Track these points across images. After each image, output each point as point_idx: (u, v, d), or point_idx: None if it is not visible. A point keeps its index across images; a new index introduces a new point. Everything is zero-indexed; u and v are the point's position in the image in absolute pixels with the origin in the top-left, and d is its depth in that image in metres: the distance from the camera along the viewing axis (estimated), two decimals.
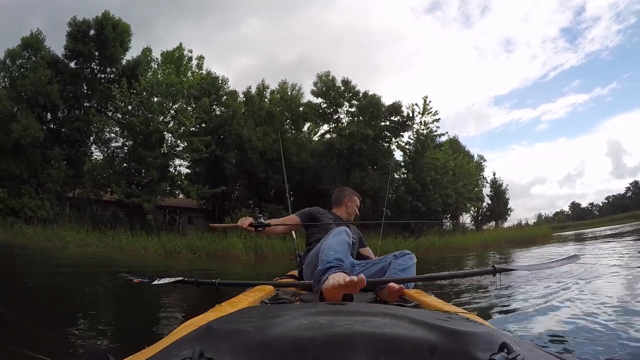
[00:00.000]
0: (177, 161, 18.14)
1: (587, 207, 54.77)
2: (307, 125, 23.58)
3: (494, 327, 0.73)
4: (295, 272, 2.39)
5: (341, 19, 67.25)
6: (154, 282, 1.74)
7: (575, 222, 42.30)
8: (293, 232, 4.02)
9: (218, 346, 0.54)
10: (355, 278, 1.22)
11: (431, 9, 79.94)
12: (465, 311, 1.05)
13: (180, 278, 1.72)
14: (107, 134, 19.26)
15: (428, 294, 1.61)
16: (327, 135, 22.78)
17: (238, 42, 57.54)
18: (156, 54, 20.66)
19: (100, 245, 13.88)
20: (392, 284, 1.48)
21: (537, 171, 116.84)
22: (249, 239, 13.46)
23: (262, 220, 2.07)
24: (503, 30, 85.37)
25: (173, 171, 17.78)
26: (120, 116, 19.11)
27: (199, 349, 0.50)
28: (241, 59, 54.82)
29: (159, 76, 18.73)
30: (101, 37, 20.10)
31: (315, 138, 23.83)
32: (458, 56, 75.79)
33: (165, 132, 17.48)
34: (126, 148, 18.33)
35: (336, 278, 1.25)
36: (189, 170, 19.42)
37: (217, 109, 19.72)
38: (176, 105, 18.28)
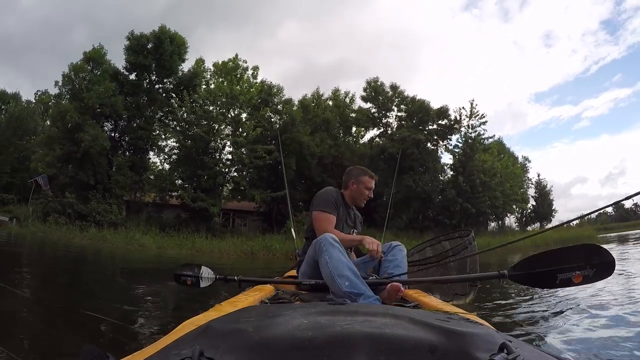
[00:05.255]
0: (239, 166, 18.95)
1: (631, 207, 52.50)
2: (354, 129, 24.18)
3: (494, 328, 0.75)
4: (294, 272, 2.29)
5: (377, 21, 67.60)
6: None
7: (619, 223, 40.87)
8: (292, 230, 4.11)
9: (218, 346, 0.55)
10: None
11: (468, 5, 79.16)
12: (465, 312, 1.08)
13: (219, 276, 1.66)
14: (168, 142, 20.31)
15: (428, 294, 1.66)
16: (377, 140, 23.30)
17: (276, 46, 58.85)
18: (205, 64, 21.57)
19: (175, 247, 14.71)
20: (394, 284, 1.44)
21: (578, 170, 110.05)
22: None
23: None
24: (543, 24, 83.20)
25: (237, 175, 18.60)
26: (175, 124, 20.12)
27: (199, 349, 0.51)
28: (281, 62, 56.09)
29: (212, 85, 19.65)
30: (159, 50, 21.20)
31: (362, 141, 24.42)
32: (497, 52, 74.02)
33: (226, 140, 18.35)
34: (186, 155, 19.26)
35: None
36: (242, 173, 20.17)
37: (274, 117, 20.54)
38: (234, 113, 19.16)
